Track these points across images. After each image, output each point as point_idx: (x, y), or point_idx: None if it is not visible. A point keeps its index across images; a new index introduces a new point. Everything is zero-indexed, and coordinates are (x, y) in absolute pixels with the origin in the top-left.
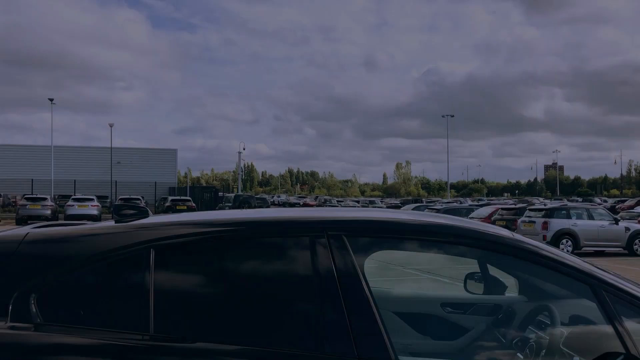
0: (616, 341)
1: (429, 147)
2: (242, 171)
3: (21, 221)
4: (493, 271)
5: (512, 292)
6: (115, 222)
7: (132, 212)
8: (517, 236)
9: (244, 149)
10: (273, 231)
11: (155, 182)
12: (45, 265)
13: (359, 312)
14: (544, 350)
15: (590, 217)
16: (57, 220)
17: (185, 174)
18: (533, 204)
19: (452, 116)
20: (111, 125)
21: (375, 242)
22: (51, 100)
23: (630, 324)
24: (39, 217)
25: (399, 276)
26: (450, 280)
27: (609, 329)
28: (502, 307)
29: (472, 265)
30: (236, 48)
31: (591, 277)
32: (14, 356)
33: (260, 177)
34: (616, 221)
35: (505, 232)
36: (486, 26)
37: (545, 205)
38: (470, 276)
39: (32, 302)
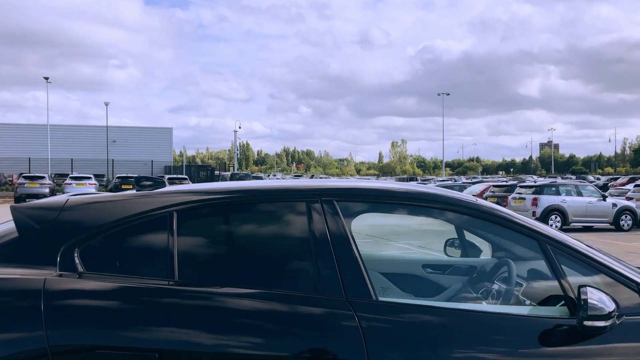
0: (558, 286)
1: (425, 126)
2: (237, 150)
3: (19, 200)
4: (469, 238)
5: (486, 255)
6: (137, 192)
7: (150, 183)
8: (480, 200)
9: (239, 128)
10: (276, 197)
11: (152, 161)
12: (85, 225)
13: (347, 263)
14: (503, 298)
15: (579, 194)
16: None
17: (181, 152)
18: (524, 181)
19: (448, 94)
20: (107, 104)
21: (362, 206)
22: (46, 78)
23: (568, 271)
24: (37, 196)
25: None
26: (437, 253)
27: (553, 276)
28: (475, 267)
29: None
30: (230, 25)
31: (537, 233)
32: (62, 299)
33: (256, 156)
34: (604, 197)
35: (472, 198)
36: (482, 3)
37: (535, 182)
38: (449, 242)
39: (76, 255)
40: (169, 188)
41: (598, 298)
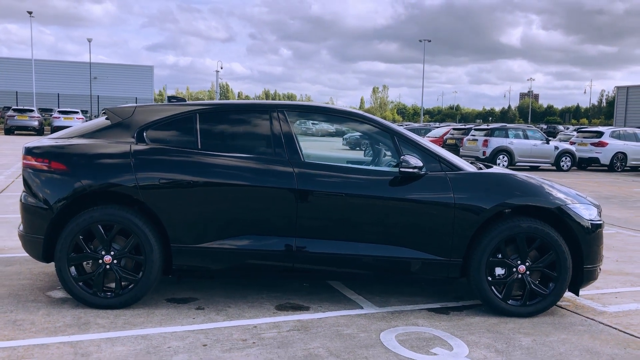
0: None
1: (407, 72)
2: (218, 91)
3: (9, 131)
4: (379, 145)
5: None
6: (173, 102)
7: (176, 100)
8: (378, 118)
9: (221, 68)
10: (250, 108)
11: (136, 98)
12: (149, 118)
13: (289, 143)
14: (376, 164)
15: (526, 137)
16: (42, 131)
17: (161, 92)
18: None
19: (429, 41)
20: (89, 40)
21: (302, 115)
22: (30, 13)
23: (403, 149)
24: (27, 128)
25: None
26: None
27: (396, 153)
28: (374, 159)
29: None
30: None
31: (389, 128)
32: (140, 155)
33: (237, 98)
34: (547, 141)
35: (375, 117)
36: None
37: (488, 126)
38: (367, 150)
39: (145, 134)
40: (189, 102)
41: (411, 159)
